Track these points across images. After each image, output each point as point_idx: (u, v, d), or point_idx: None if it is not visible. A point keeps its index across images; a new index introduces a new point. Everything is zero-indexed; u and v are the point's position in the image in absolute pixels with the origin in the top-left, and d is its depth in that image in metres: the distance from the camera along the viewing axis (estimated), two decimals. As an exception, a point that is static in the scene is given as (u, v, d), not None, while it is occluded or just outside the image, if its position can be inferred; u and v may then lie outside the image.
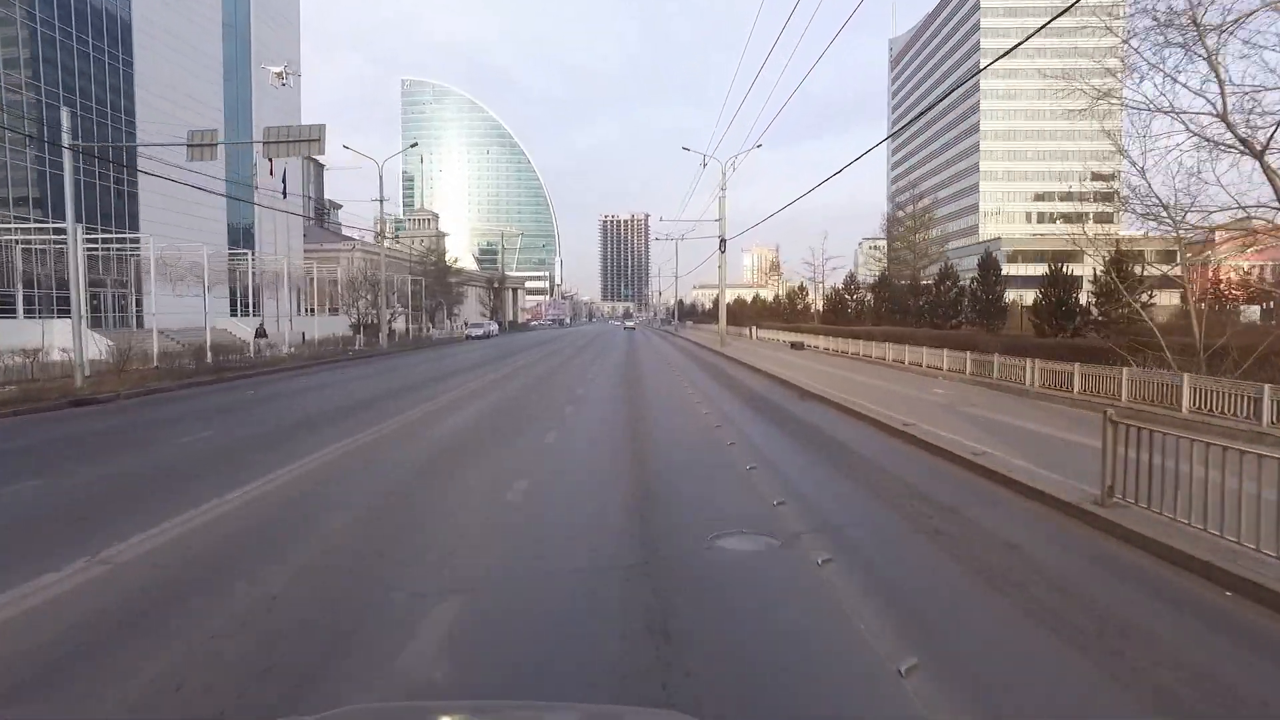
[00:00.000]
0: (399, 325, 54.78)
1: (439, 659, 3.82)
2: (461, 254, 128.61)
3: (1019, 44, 10.82)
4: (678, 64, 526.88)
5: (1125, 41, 12.60)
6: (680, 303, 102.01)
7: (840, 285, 45.07)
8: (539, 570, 5.31)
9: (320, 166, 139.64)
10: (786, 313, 52.21)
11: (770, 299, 59.59)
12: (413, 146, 34.96)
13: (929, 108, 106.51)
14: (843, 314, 41.66)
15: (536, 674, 3.67)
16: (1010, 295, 33.53)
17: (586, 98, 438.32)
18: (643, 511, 6.81)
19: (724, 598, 4.76)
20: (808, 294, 55.42)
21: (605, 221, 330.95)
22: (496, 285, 76.93)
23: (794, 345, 34.89)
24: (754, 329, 46.96)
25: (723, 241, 36.17)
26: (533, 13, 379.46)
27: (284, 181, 41.03)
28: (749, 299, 76.23)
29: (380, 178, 36.87)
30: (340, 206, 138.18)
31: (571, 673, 3.70)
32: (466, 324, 60.53)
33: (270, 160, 40.90)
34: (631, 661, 3.76)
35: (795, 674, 3.75)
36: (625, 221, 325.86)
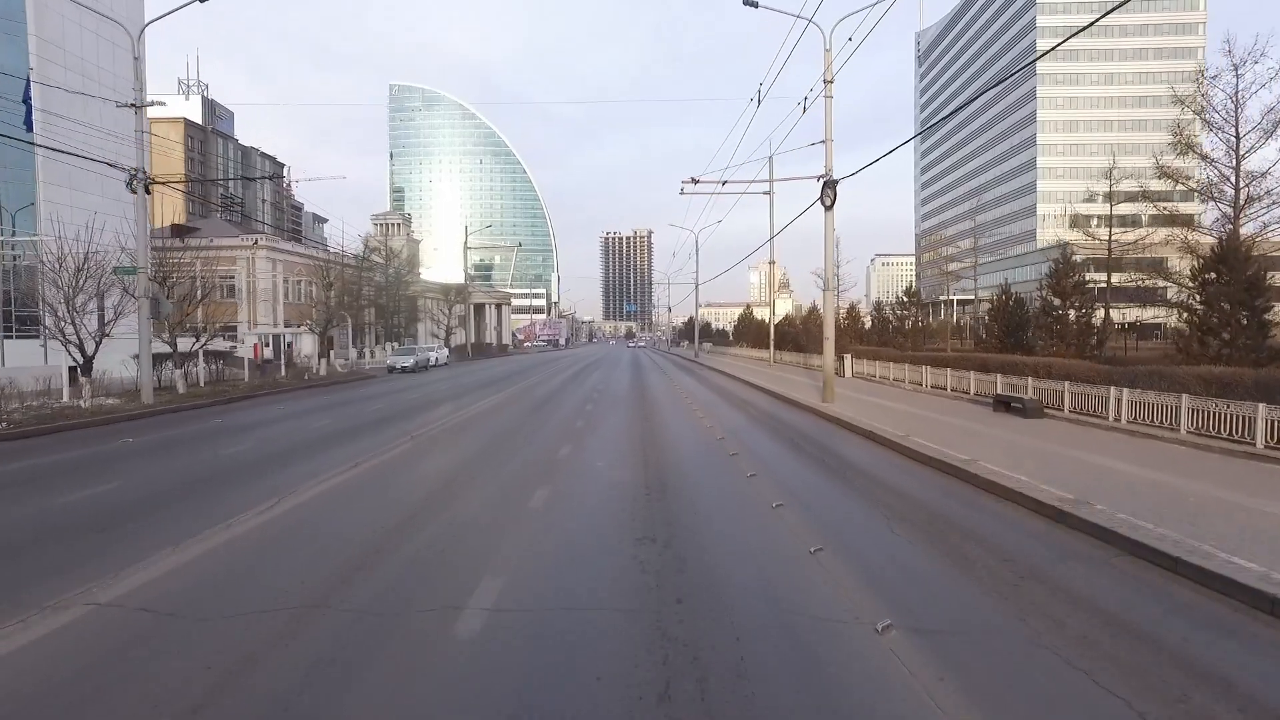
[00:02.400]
0: (311, 346, 36.32)
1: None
2: (452, 267, 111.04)
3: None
4: (683, 86, 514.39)
5: None
6: (692, 320, 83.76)
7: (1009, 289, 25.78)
8: None
9: (280, 165, 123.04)
10: (879, 334, 32.61)
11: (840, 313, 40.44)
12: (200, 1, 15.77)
13: (974, 97, 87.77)
14: (1022, 331, 22.26)
15: None
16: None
17: (587, 120, 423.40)
18: None
19: None
20: (920, 302, 35.83)
21: (607, 238, 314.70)
22: (454, 299, 57.91)
23: (1001, 403, 15.33)
24: (849, 360, 27.23)
25: (827, 186, 17.76)
26: (532, 32, 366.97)
27: (27, 102, 22.91)
28: (788, 313, 57.08)
29: (137, 49, 18.37)
30: (326, 220, 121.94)
31: None
32: (392, 351, 41.97)
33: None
34: None
35: None
36: (627, 238, 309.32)
